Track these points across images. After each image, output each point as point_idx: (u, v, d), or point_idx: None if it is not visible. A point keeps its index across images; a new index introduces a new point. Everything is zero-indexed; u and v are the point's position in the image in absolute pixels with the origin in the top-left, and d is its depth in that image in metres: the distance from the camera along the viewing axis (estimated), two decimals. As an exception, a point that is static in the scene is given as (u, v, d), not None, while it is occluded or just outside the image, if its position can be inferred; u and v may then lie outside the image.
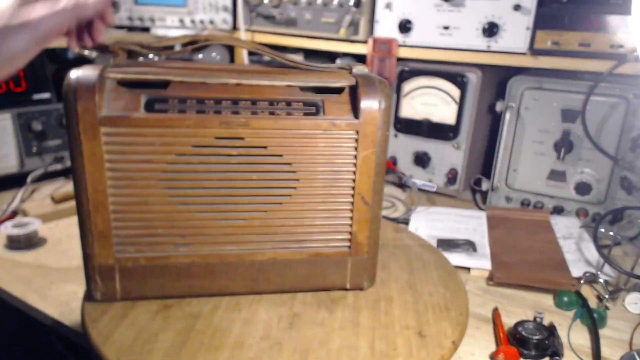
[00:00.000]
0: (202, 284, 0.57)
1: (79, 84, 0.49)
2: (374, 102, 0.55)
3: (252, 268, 0.58)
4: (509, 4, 0.90)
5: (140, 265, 0.55)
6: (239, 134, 0.53)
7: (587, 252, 0.78)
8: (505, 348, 0.55)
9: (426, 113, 1.02)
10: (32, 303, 0.63)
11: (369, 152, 0.56)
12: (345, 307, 0.58)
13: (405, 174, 1.07)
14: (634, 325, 0.62)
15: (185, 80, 0.53)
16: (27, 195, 0.96)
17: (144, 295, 0.57)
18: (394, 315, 0.57)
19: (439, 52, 0.99)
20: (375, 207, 0.58)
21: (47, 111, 1.02)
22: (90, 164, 0.51)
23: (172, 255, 0.56)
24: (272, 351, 0.50)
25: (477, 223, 0.88)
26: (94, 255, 0.54)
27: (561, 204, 0.93)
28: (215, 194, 0.55)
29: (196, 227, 0.55)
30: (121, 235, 0.54)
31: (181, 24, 1.19)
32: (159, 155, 0.52)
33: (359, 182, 0.57)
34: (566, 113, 0.88)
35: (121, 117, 0.51)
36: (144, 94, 0.52)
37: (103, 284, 0.55)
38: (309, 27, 1.12)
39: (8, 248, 0.76)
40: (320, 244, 0.59)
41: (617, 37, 0.82)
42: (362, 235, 0.59)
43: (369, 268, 0.61)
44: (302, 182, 0.56)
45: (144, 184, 0.53)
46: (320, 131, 0.55)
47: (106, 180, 0.52)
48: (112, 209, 0.53)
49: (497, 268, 0.72)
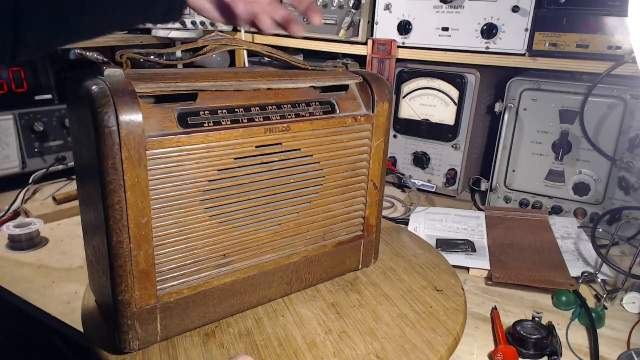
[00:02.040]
0: (242, 300, 0.56)
1: (119, 103, 0.41)
2: (384, 95, 0.61)
3: (287, 271, 0.60)
4: (507, 6, 0.90)
5: (183, 297, 0.50)
6: (278, 139, 0.53)
7: (585, 252, 0.79)
8: (503, 347, 0.55)
9: (425, 114, 1.03)
10: (34, 303, 0.63)
11: (380, 141, 0.62)
12: (366, 285, 0.65)
13: (405, 174, 1.07)
14: (631, 325, 0.63)
15: (220, 89, 0.50)
16: (28, 195, 0.96)
17: (186, 329, 0.52)
18: (406, 280, 0.66)
19: (438, 53, 0.99)
20: (382, 190, 0.66)
21: (49, 112, 1.03)
22: (133, 195, 0.43)
23: (214, 278, 0.52)
24: (344, 340, 0.53)
25: (476, 223, 0.89)
26: (133, 300, 0.46)
27: (559, 204, 0.93)
28: (256, 204, 0.53)
29: (237, 242, 0.53)
30: (164, 270, 0.48)
31: (182, 25, 1.19)
32: (201, 172, 0.48)
33: (372, 169, 0.63)
34: (564, 114, 0.89)
35: (166, 137, 0.45)
36: (174, 109, 0.47)
37: (143, 330, 0.48)
38: (309, 28, 1.12)
39: (10, 248, 0.76)
40: (342, 232, 0.64)
41: (614, 38, 0.82)
42: (372, 217, 0.65)
43: (376, 246, 0.67)
44: (327, 178, 0.60)
45: (186, 206, 0.48)
46: (344, 127, 0.59)
47: (150, 210, 0.45)
48: (156, 244, 0.47)
49: (495, 268, 0.72)
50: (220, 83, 0.50)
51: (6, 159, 0.96)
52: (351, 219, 0.64)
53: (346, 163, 0.61)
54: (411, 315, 0.58)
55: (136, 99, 0.43)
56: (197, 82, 0.48)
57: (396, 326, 0.56)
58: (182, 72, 0.51)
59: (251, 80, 0.52)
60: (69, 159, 1.05)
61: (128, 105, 0.42)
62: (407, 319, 0.58)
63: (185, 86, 0.47)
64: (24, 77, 1.03)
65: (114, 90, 0.42)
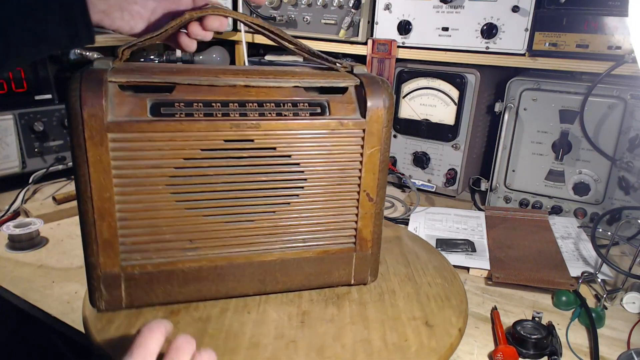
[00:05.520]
0: (209, 288, 0.57)
1: (84, 89, 0.47)
2: (379, 101, 0.56)
3: (260, 269, 0.58)
4: (507, 6, 0.90)
5: (146, 272, 0.54)
6: (249, 136, 0.53)
7: (585, 252, 0.79)
8: (503, 347, 0.55)
9: (425, 114, 1.03)
10: (34, 303, 0.63)
11: (374, 150, 0.57)
12: (352, 302, 0.59)
13: (405, 174, 1.07)
14: (631, 325, 0.63)
15: (193, 83, 0.52)
16: (28, 195, 0.96)
17: (150, 302, 0.56)
18: (399, 307, 0.59)
19: (438, 53, 0.99)
20: (379, 203, 0.59)
21: (49, 112, 1.03)
22: (96, 171, 0.49)
23: (179, 260, 0.55)
24: (288, 350, 0.50)
25: (476, 223, 0.89)
26: (98, 265, 0.52)
27: (559, 204, 0.93)
28: (224, 196, 0.54)
29: (204, 230, 0.54)
30: (127, 243, 0.52)
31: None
32: (166, 160, 0.51)
33: (365, 179, 0.58)
34: (564, 114, 0.89)
35: (129, 123, 0.49)
36: (149, 99, 0.51)
37: (108, 293, 0.54)
38: (309, 28, 1.13)
39: (10, 248, 0.76)
40: (327, 241, 0.59)
41: (614, 38, 0.82)
42: (366, 231, 0.60)
43: (373, 263, 0.62)
44: (310, 182, 0.56)
45: (152, 189, 0.52)
46: (329, 131, 0.55)
47: (113, 187, 0.50)
48: (119, 217, 0.51)
49: (495, 268, 0.73)
50: (195, 77, 0.52)
51: (6, 159, 0.96)
52: (340, 229, 0.59)
53: (333, 169, 0.57)
54: (376, 344, 0.52)
55: (101, 86, 0.48)
56: (173, 76, 0.51)
57: (351, 351, 0.51)
58: (168, 67, 0.54)
59: (231, 77, 0.53)
60: (69, 159, 1.05)
61: (92, 92, 0.47)
62: (369, 346, 0.51)
63: (159, 78, 0.51)
64: (24, 77, 1.03)
65: (84, 78, 0.48)
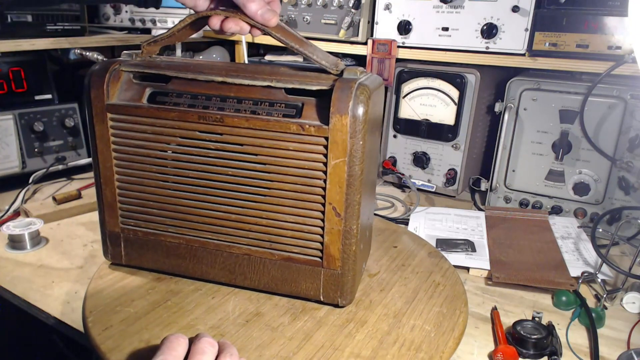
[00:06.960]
0: (187, 265, 0.62)
1: (94, 74, 0.58)
2: (344, 108, 0.51)
3: (229, 259, 0.61)
4: (507, 6, 0.90)
5: (138, 237, 0.63)
6: (216, 129, 0.56)
7: (585, 252, 0.79)
8: (503, 347, 0.55)
9: (425, 114, 1.03)
10: (34, 303, 0.63)
11: (339, 161, 0.52)
12: (311, 319, 0.57)
13: (405, 174, 1.07)
14: (631, 325, 0.63)
15: (179, 76, 0.58)
16: (28, 195, 0.96)
17: (143, 265, 0.64)
18: (353, 340, 0.54)
19: (438, 53, 0.99)
20: (350, 221, 0.54)
21: (49, 112, 1.03)
22: (100, 143, 0.59)
23: (162, 234, 0.62)
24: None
25: (476, 223, 0.89)
26: (105, 222, 0.63)
27: (559, 204, 0.93)
28: (197, 183, 0.59)
29: (182, 212, 0.60)
30: (124, 209, 0.62)
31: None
32: (152, 142, 0.58)
33: (330, 191, 0.54)
34: (564, 114, 0.89)
35: (123, 106, 0.58)
36: (149, 87, 0.59)
37: (112, 248, 0.64)
38: (309, 28, 1.13)
39: (10, 248, 0.76)
40: (293, 249, 0.58)
41: (614, 38, 0.82)
42: (334, 248, 0.56)
43: (344, 284, 0.57)
44: (275, 184, 0.56)
45: (142, 166, 0.60)
46: (290, 134, 0.54)
47: (112, 159, 0.60)
48: (117, 185, 0.61)
49: (495, 268, 0.73)
50: (184, 71, 0.58)
51: (6, 159, 0.97)
52: (304, 239, 0.57)
53: (296, 174, 0.55)
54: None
55: (105, 73, 0.57)
56: (170, 68, 0.58)
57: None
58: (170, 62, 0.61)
59: (213, 73, 0.57)
60: (69, 159, 1.05)
61: (98, 77, 0.57)
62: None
63: (154, 71, 0.58)
64: (24, 77, 1.03)
65: (97, 67, 0.58)
